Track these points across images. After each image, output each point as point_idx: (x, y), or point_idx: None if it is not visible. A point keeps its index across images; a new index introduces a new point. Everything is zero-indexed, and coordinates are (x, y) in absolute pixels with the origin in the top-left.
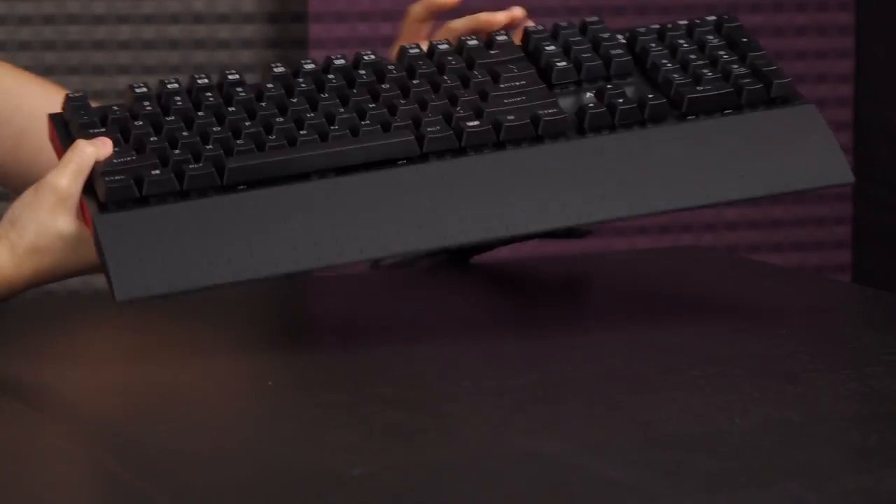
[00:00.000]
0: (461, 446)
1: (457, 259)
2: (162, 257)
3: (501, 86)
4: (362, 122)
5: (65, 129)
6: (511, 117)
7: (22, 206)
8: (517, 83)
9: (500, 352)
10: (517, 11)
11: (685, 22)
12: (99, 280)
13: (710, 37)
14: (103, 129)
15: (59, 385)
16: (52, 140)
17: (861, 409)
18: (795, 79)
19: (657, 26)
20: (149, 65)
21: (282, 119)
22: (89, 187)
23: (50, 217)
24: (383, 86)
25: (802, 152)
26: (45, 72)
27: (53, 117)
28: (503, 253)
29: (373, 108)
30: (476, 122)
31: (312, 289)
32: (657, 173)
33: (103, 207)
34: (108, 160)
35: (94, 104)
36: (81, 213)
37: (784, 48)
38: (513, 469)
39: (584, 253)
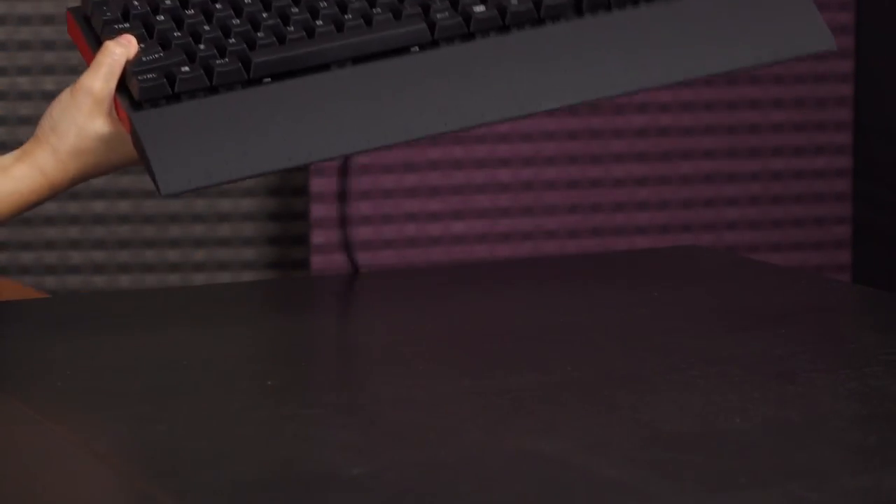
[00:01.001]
0: (461, 446)
1: None
2: (199, 152)
3: None
4: (374, 10)
5: (87, 25)
6: (514, 1)
7: (60, 110)
8: None
9: (500, 352)
10: None
11: None
12: (98, 280)
13: None
14: (126, 25)
15: (59, 386)
16: (72, 33)
17: (861, 409)
18: (795, 79)
19: None
20: None
21: (296, 9)
22: (121, 85)
23: (88, 120)
24: None
25: (786, 23)
26: (44, 72)
27: (73, 11)
28: (502, 252)
29: None
30: (482, 8)
31: (312, 289)
32: (653, 50)
33: (137, 105)
34: (138, 58)
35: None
36: (115, 111)
37: None
38: (513, 469)
39: (584, 253)
